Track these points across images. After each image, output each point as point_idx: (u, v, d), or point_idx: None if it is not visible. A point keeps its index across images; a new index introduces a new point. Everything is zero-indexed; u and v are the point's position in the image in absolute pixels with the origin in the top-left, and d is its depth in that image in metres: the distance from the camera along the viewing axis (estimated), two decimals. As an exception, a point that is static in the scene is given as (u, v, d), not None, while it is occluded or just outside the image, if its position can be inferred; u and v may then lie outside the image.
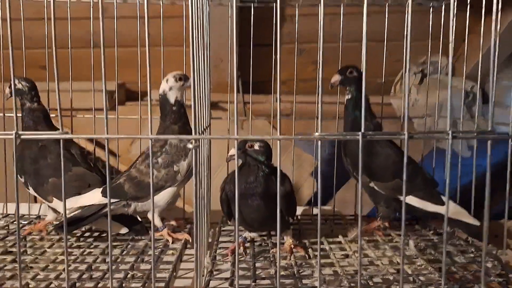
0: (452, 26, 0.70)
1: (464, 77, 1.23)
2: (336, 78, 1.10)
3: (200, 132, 0.79)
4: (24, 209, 1.35)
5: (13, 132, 0.64)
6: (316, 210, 1.36)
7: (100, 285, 0.86)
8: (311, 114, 1.26)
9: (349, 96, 1.11)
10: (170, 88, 1.07)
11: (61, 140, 0.69)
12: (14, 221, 1.28)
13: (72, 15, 1.26)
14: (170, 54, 1.27)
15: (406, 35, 0.65)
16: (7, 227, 1.22)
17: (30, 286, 0.86)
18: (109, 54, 0.66)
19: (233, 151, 0.94)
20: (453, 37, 0.69)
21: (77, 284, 0.87)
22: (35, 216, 1.31)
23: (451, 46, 0.68)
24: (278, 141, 0.67)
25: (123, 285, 0.86)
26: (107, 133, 0.66)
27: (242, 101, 2.12)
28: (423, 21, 1.24)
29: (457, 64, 2.25)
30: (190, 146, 0.66)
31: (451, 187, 1.14)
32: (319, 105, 0.65)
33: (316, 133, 0.66)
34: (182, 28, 1.13)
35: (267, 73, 1.34)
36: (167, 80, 1.08)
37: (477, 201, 1.04)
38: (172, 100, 1.07)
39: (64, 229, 0.71)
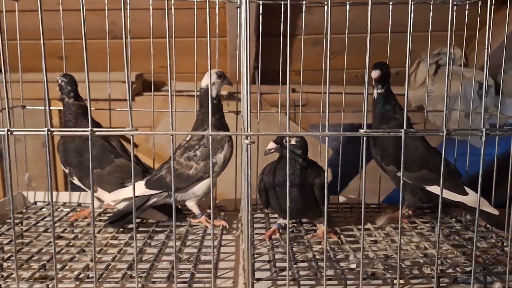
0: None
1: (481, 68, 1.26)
2: (378, 73, 1.12)
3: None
4: (65, 197, 1.44)
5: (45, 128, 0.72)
6: (342, 198, 1.44)
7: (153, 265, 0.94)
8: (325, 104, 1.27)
9: (381, 91, 1.16)
10: (213, 84, 1.14)
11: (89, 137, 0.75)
12: (58, 208, 1.36)
13: (91, 6, 1.24)
14: (181, 45, 1.30)
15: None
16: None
17: (89, 266, 0.94)
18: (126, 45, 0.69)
19: (272, 145, 1.00)
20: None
21: (133, 265, 0.95)
22: (76, 204, 1.39)
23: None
24: (326, 137, 0.73)
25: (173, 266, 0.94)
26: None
27: (258, 92, 2.18)
28: (437, 13, 1.27)
29: (470, 55, 2.29)
30: (246, 141, 0.73)
31: (464, 174, 1.19)
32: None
33: (362, 130, 0.73)
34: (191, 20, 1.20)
35: (280, 64, 1.35)
36: (210, 76, 1.14)
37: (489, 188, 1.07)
38: (214, 94, 1.15)
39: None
